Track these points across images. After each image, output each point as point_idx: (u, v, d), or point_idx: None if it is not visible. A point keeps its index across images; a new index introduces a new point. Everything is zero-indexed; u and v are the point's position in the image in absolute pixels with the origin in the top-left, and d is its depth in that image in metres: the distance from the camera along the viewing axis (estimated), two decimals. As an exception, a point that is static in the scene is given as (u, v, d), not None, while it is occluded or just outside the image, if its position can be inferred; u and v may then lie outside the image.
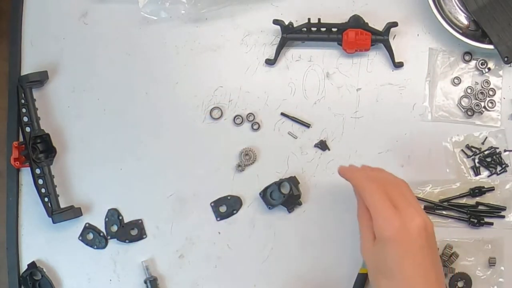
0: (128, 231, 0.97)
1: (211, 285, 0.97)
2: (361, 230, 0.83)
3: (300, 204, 0.96)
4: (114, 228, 0.98)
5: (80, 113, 0.99)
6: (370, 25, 0.95)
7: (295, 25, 0.96)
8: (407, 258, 0.77)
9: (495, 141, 0.97)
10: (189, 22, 1.00)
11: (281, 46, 0.97)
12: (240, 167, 0.97)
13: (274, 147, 0.98)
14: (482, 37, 0.95)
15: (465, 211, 0.95)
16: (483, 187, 0.95)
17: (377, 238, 0.79)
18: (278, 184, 0.95)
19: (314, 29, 0.96)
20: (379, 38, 0.96)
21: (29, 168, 0.96)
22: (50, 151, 0.96)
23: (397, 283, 0.78)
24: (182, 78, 0.99)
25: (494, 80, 0.97)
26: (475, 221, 0.95)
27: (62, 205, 0.96)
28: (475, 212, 0.95)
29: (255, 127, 0.98)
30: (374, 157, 0.96)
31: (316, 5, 0.98)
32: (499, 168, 0.96)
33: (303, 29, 0.96)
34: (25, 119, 0.96)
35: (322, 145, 0.97)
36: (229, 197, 0.97)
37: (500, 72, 0.97)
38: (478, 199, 0.96)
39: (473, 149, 0.96)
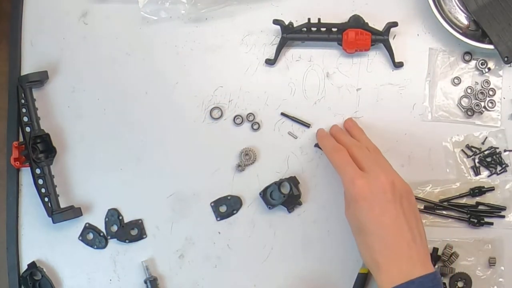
0: (128, 231, 0.97)
1: (211, 285, 0.97)
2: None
3: (300, 204, 0.96)
4: (114, 228, 0.98)
5: (80, 113, 0.99)
6: (370, 25, 0.95)
7: (295, 25, 0.96)
8: (374, 213, 0.82)
9: (495, 141, 0.97)
10: (189, 22, 1.00)
11: (281, 46, 0.97)
12: (240, 167, 0.97)
13: (274, 147, 0.98)
14: (482, 37, 0.95)
15: (465, 211, 0.95)
16: (483, 187, 0.95)
17: (346, 199, 0.85)
18: (278, 184, 0.95)
19: (314, 29, 0.96)
20: (379, 38, 0.96)
21: (29, 168, 0.96)
22: (50, 151, 0.96)
23: (370, 237, 0.82)
24: (182, 78, 0.99)
25: (494, 80, 0.97)
26: (475, 221, 0.95)
27: (62, 205, 0.96)
28: (475, 212, 0.95)
29: (255, 127, 0.98)
30: (374, 157, 0.96)
31: (316, 5, 0.98)
32: (499, 168, 0.96)
33: (303, 29, 0.96)
34: (25, 119, 0.96)
35: (322, 145, 0.97)
36: (229, 197, 0.97)
37: (500, 72, 0.97)
38: (478, 199, 0.96)
39: (473, 149, 0.96)
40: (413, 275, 0.79)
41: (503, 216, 0.95)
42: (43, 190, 0.95)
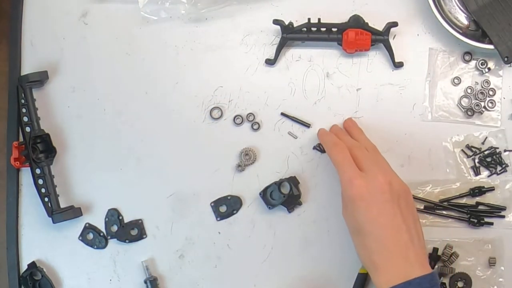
0: (128, 231, 0.97)
1: (211, 285, 0.97)
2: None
3: (300, 204, 0.96)
4: (114, 228, 0.98)
5: (80, 113, 0.99)
6: (370, 25, 0.95)
7: (295, 25, 0.96)
8: (371, 213, 0.82)
9: (495, 141, 0.97)
10: (189, 22, 1.00)
11: (281, 46, 0.97)
12: (240, 167, 0.97)
13: (274, 147, 0.98)
14: (482, 37, 0.95)
15: (465, 211, 0.95)
16: (483, 187, 0.95)
17: (344, 199, 0.85)
18: (278, 184, 0.95)
19: (314, 29, 0.96)
20: (379, 38, 0.95)
21: (29, 168, 0.96)
22: (50, 151, 0.96)
23: (367, 237, 0.82)
24: (182, 78, 0.99)
25: (494, 80, 0.97)
26: (475, 221, 0.95)
27: (62, 205, 0.96)
28: (475, 212, 0.95)
29: (255, 127, 0.98)
30: (374, 157, 0.96)
31: (316, 5, 0.98)
32: (499, 168, 0.96)
33: (303, 29, 0.96)
34: (25, 119, 0.96)
35: (322, 146, 0.97)
36: (229, 197, 0.97)
37: (500, 72, 0.97)
38: (478, 199, 0.96)
39: (473, 149, 0.96)
40: (411, 276, 0.79)
41: (503, 216, 0.95)
42: (43, 190, 0.95)
